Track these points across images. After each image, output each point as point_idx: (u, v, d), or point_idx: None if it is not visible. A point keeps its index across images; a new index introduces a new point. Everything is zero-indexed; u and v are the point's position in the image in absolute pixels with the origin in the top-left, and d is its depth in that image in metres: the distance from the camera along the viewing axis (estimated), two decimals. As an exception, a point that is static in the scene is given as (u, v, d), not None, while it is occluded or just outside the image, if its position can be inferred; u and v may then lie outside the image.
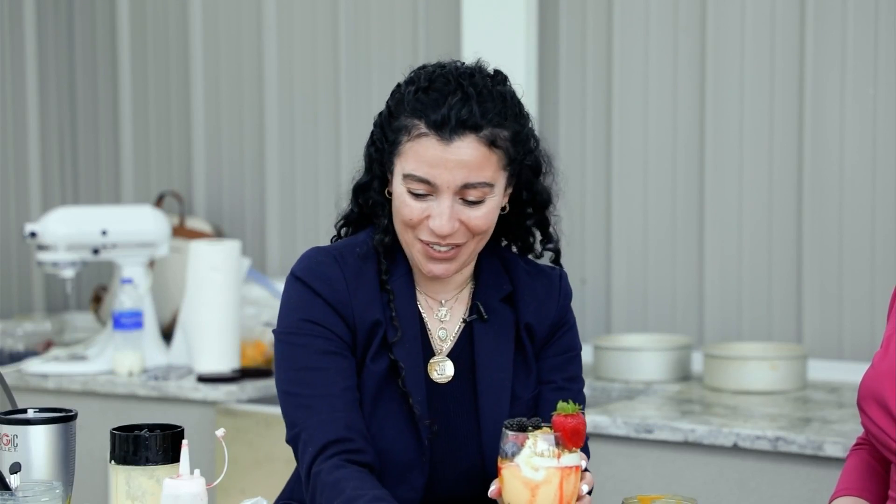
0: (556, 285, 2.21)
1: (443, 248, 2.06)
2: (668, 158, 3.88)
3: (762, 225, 3.75)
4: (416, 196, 2.04)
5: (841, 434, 2.97)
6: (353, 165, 2.20)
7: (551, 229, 2.21)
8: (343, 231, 2.21)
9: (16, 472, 1.88)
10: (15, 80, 4.91)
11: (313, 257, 2.11)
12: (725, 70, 3.78)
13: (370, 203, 2.14)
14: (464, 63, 2.09)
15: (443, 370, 2.13)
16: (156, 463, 1.90)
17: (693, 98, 3.84)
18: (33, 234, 3.97)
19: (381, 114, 2.12)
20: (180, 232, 4.37)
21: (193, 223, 4.45)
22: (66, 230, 3.97)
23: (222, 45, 4.61)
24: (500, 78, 2.09)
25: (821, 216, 3.67)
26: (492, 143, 2.03)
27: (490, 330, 2.14)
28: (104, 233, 3.99)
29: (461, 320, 2.16)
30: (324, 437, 2.01)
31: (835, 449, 2.93)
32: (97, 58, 4.88)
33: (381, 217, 2.12)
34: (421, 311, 2.14)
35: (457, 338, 2.15)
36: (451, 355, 2.14)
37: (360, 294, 2.08)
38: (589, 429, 3.20)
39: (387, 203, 2.11)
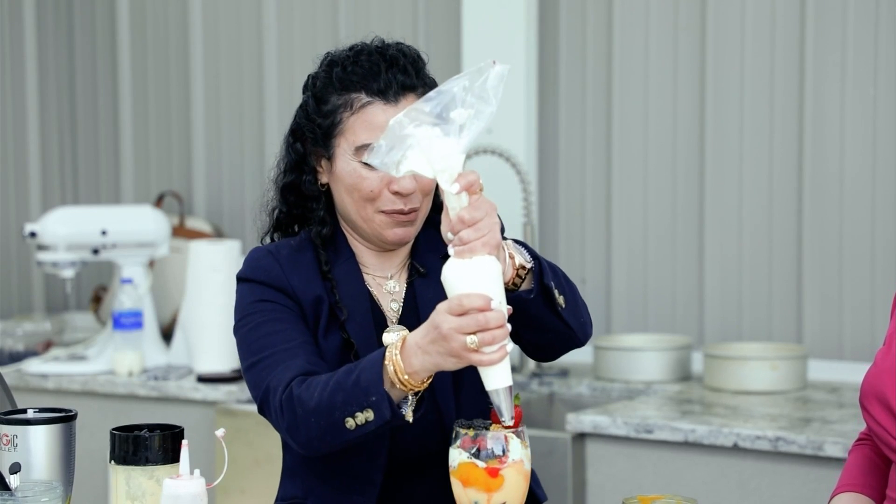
0: None
1: (406, 213, 2.12)
2: (668, 158, 3.88)
3: (762, 225, 3.75)
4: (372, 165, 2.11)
5: (841, 434, 2.97)
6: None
7: None
8: (276, 237, 2.27)
9: (16, 472, 1.88)
10: (15, 80, 4.91)
11: (250, 256, 2.20)
12: (725, 70, 3.78)
13: (303, 199, 2.20)
14: (369, 41, 2.18)
15: (396, 338, 2.14)
16: (156, 463, 1.90)
17: (693, 98, 3.84)
18: (33, 234, 3.97)
19: (303, 107, 2.21)
20: (180, 232, 4.38)
21: (193, 223, 4.45)
22: (65, 230, 3.97)
23: (222, 45, 4.61)
24: (405, 45, 2.18)
25: (821, 216, 3.67)
26: None
27: (430, 284, 2.18)
28: (104, 233, 3.99)
29: (407, 285, 2.22)
30: (289, 375, 2.04)
31: (835, 449, 2.93)
32: (97, 58, 4.88)
33: (317, 210, 2.19)
34: (370, 289, 2.19)
35: (403, 302, 2.20)
36: (403, 321, 2.17)
37: (296, 276, 2.15)
38: (589, 429, 3.22)
39: (321, 195, 2.19)
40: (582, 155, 4.01)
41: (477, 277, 1.82)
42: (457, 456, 1.86)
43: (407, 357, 1.91)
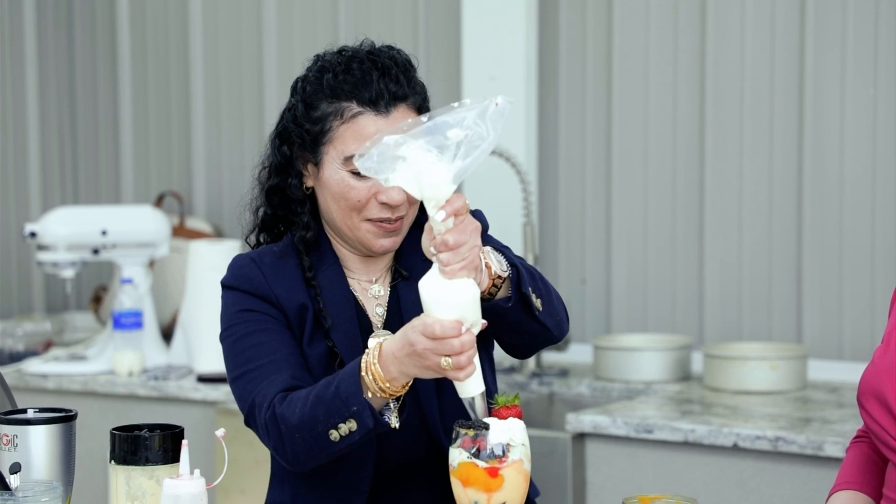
0: None
1: (392, 222, 2.11)
2: (668, 158, 3.88)
3: (762, 225, 3.75)
4: (361, 176, 2.07)
5: (841, 434, 2.97)
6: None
7: None
8: (262, 238, 2.25)
9: (16, 472, 1.89)
10: (15, 80, 4.91)
11: (234, 264, 2.19)
12: (725, 70, 3.78)
13: (288, 202, 2.18)
14: (358, 44, 2.16)
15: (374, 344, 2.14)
16: (156, 463, 1.90)
17: (693, 98, 3.84)
18: (33, 234, 3.97)
19: (291, 110, 2.16)
20: (180, 232, 4.38)
21: (193, 223, 4.45)
22: (66, 230, 3.97)
23: (222, 45, 4.61)
24: (396, 49, 2.16)
25: (821, 216, 3.67)
26: (418, 110, 2.12)
27: (414, 287, 2.14)
28: (104, 233, 3.99)
29: (390, 289, 2.21)
30: (273, 391, 2.04)
31: (835, 449, 2.93)
32: (97, 58, 4.88)
33: (301, 214, 2.17)
34: (355, 294, 2.18)
35: (387, 306, 2.19)
36: (388, 326, 2.17)
37: (280, 284, 2.14)
38: (589, 429, 3.22)
39: (306, 199, 2.17)
40: (582, 155, 4.01)
41: (454, 301, 1.85)
42: (457, 456, 1.86)
43: (385, 365, 1.92)
